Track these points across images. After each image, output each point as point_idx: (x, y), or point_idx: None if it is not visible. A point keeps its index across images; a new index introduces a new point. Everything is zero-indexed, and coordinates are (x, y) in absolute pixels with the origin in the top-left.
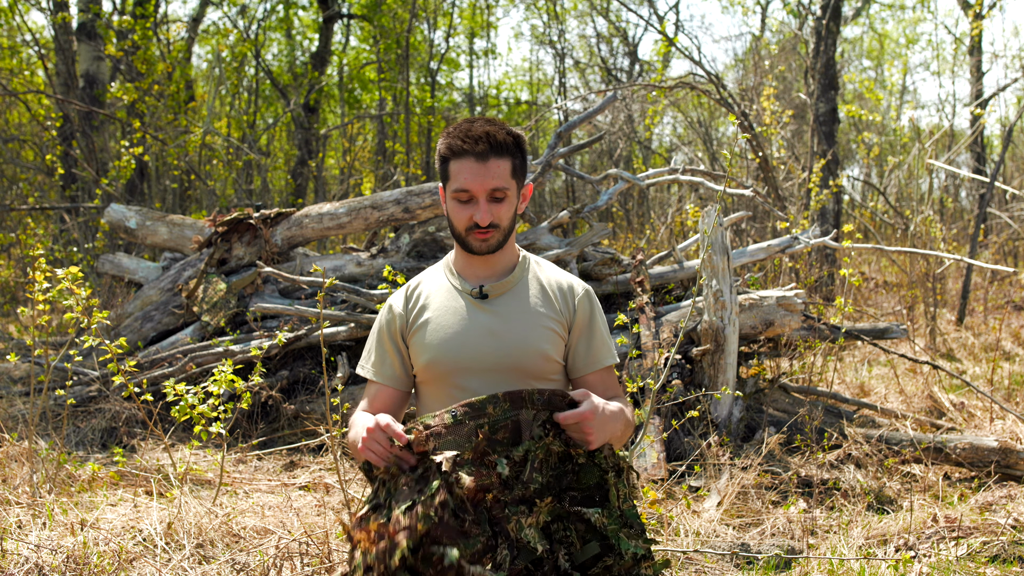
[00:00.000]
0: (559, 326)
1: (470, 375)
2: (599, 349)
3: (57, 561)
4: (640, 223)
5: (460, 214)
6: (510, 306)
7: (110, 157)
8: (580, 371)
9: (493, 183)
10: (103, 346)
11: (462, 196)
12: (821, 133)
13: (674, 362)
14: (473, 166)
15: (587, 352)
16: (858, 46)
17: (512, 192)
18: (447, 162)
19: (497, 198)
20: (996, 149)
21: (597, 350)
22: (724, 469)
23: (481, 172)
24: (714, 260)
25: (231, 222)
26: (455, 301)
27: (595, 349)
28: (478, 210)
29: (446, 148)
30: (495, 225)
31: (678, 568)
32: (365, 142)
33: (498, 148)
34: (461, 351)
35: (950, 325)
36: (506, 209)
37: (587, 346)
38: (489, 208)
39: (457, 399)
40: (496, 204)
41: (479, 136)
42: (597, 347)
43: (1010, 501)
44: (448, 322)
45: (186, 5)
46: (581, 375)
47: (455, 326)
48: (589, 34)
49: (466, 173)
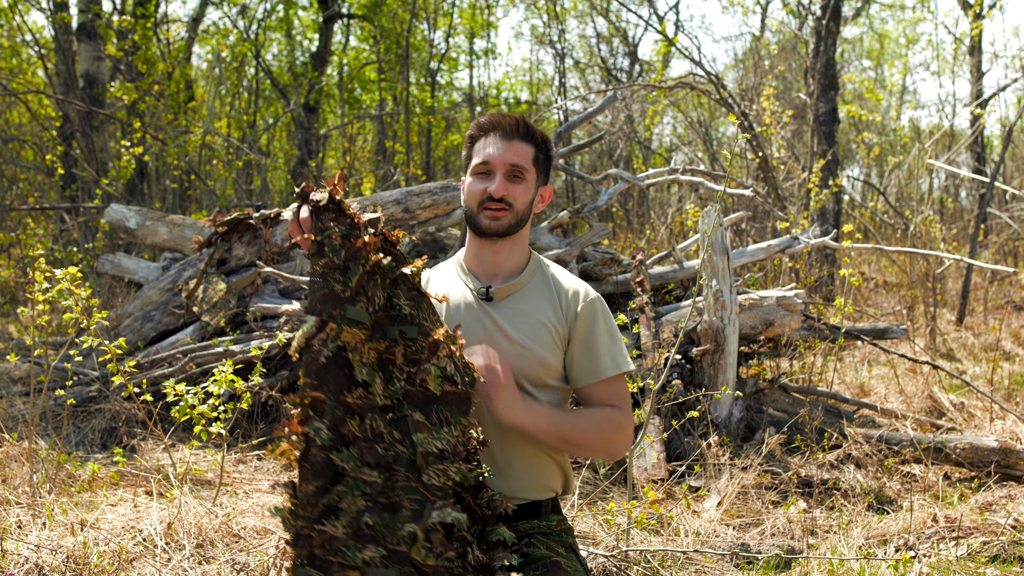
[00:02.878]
0: (558, 333)
1: None
2: (606, 358)
3: (57, 561)
4: (640, 223)
5: (476, 187)
6: (513, 310)
7: (110, 157)
8: (582, 381)
9: (514, 159)
10: (103, 346)
11: (481, 169)
12: (821, 133)
13: (674, 362)
14: (497, 141)
15: (588, 362)
16: (858, 46)
17: (531, 177)
18: (473, 142)
19: (516, 177)
20: (996, 149)
21: (604, 359)
22: (724, 469)
23: (504, 147)
24: (714, 260)
25: (231, 222)
26: (462, 299)
27: (600, 358)
28: (494, 182)
29: (475, 128)
30: (509, 204)
31: (678, 568)
32: (365, 142)
33: (525, 132)
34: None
35: (950, 325)
36: (522, 192)
37: (591, 355)
38: (506, 184)
39: None
40: (513, 183)
41: (509, 116)
42: (603, 356)
43: (1010, 501)
44: (450, 321)
45: (186, 5)
46: (582, 386)
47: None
48: (589, 34)
49: (490, 147)
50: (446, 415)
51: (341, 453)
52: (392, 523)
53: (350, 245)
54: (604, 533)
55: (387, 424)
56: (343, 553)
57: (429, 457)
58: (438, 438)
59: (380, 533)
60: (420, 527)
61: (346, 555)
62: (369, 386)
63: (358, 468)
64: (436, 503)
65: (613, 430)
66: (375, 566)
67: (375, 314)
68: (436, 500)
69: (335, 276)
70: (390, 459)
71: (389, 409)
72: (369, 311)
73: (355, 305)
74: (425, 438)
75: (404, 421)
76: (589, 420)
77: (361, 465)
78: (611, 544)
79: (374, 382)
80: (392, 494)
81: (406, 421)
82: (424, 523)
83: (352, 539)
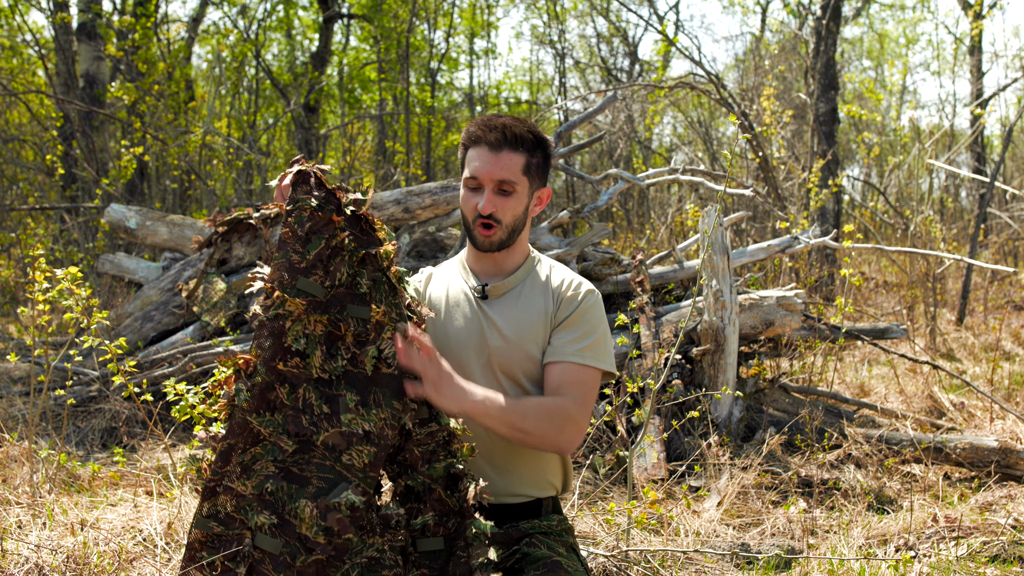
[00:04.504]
0: (546, 326)
1: (461, 374)
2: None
3: (57, 561)
4: (640, 223)
5: (468, 202)
6: (506, 307)
7: (110, 157)
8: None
9: (501, 174)
10: (103, 346)
11: (471, 183)
12: (821, 133)
13: (674, 362)
14: (485, 155)
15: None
16: (858, 46)
17: (521, 189)
18: (465, 150)
19: (504, 191)
20: (996, 149)
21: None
22: (724, 469)
23: (491, 161)
24: (714, 260)
25: (231, 222)
26: (460, 297)
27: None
28: (482, 199)
29: (465, 136)
30: (497, 220)
31: (678, 568)
32: (365, 142)
33: (513, 141)
34: (455, 348)
35: (950, 325)
36: (512, 205)
37: (558, 337)
38: (494, 200)
39: None
40: (502, 197)
41: (496, 126)
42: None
43: (1010, 501)
44: (448, 319)
45: (186, 5)
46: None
47: (454, 324)
48: (589, 34)
49: (477, 161)
50: (379, 397)
51: (261, 417)
52: (296, 495)
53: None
54: (604, 533)
55: (319, 397)
56: (245, 512)
57: (352, 438)
58: (367, 419)
59: (280, 501)
60: (316, 505)
61: (247, 515)
62: (307, 357)
63: (277, 434)
64: (352, 483)
65: (563, 420)
66: (264, 532)
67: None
68: (354, 480)
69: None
70: (309, 433)
71: (326, 384)
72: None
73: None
74: (353, 419)
75: (337, 400)
76: (539, 408)
77: (281, 432)
78: (611, 544)
79: (313, 354)
80: (306, 467)
81: (339, 400)
82: (324, 501)
83: (256, 501)
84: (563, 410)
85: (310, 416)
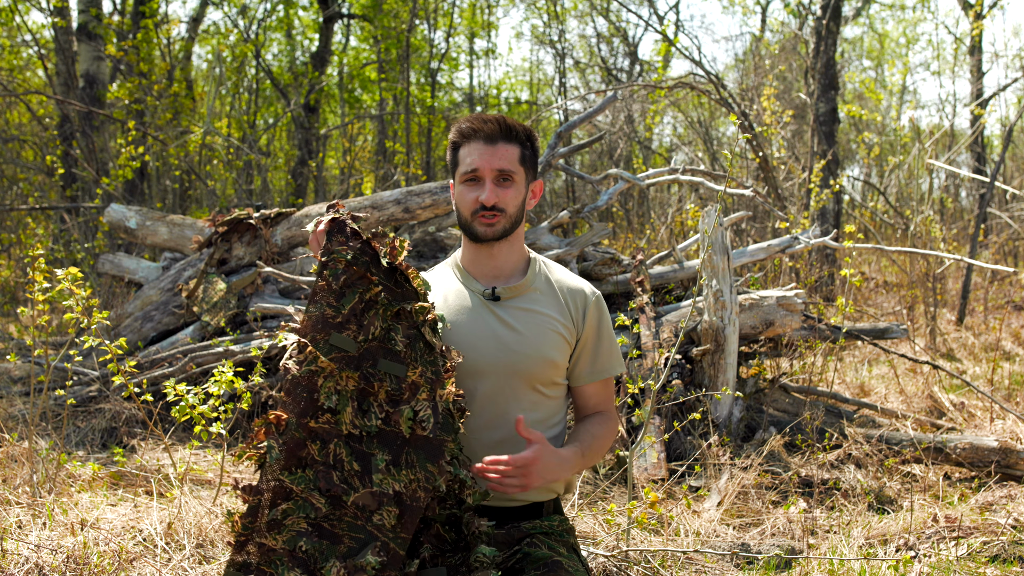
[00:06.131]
0: (568, 333)
1: (475, 378)
2: (605, 360)
3: (57, 561)
4: (640, 223)
5: (467, 197)
6: (521, 310)
7: (110, 157)
8: (581, 380)
9: (501, 164)
10: (103, 346)
11: (469, 177)
12: (821, 133)
13: (674, 362)
14: (482, 147)
15: (593, 362)
16: (858, 46)
17: (520, 178)
18: (457, 149)
19: (505, 180)
20: (996, 149)
21: (604, 361)
22: (724, 469)
23: (489, 152)
24: (714, 260)
25: (231, 222)
26: (464, 302)
27: (601, 359)
28: (484, 190)
29: (456, 134)
30: (501, 209)
31: (678, 568)
32: (365, 142)
33: (507, 133)
34: (467, 354)
35: (950, 325)
36: (513, 194)
37: (593, 356)
38: (496, 190)
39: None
40: (503, 187)
41: (488, 119)
42: (604, 357)
43: (1010, 501)
44: (456, 324)
45: (186, 5)
46: (581, 384)
47: (463, 328)
48: (589, 34)
49: (475, 154)
50: (412, 458)
51: (293, 475)
52: (327, 553)
53: (353, 272)
54: (604, 533)
55: (350, 454)
56: (276, 567)
57: (383, 498)
58: (397, 479)
59: (312, 559)
60: (344, 565)
61: (277, 569)
62: (337, 413)
63: (308, 491)
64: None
65: (614, 436)
66: None
67: (369, 343)
68: (384, 540)
69: (328, 300)
70: (340, 491)
71: (357, 440)
72: (358, 339)
73: (342, 332)
74: (384, 479)
75: (369, 459)
76: (606, 432)
77: (312, 489)
78: (611, 544)
79: (344, 410)
80: (337, 525)
81: (370, 460)
82: (352, 562)
83: (287, 556)
84: (615, 423)
85: (341, 473)
